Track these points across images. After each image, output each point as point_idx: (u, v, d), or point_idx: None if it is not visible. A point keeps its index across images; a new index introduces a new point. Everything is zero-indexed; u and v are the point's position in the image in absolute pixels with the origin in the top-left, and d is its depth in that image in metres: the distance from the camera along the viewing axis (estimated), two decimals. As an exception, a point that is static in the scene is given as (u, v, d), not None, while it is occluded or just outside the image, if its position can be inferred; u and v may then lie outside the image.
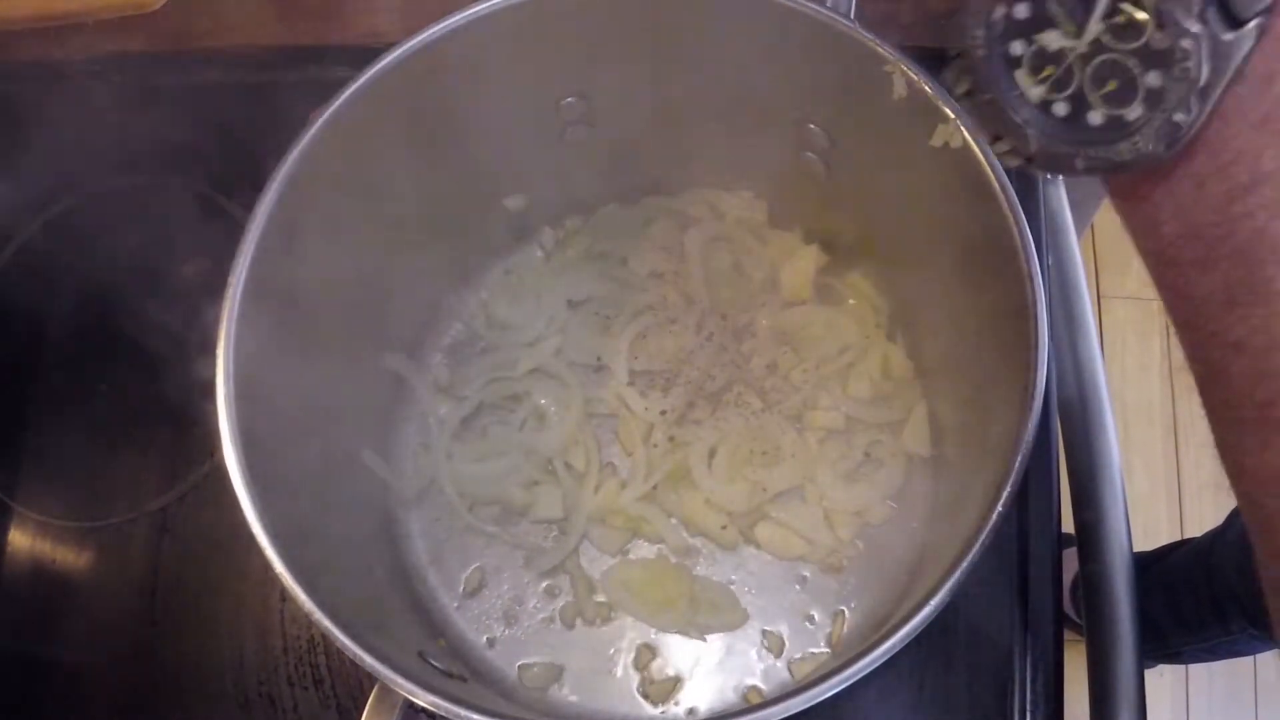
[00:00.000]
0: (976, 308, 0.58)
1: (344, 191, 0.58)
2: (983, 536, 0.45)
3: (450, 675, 0.56)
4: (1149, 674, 1.41)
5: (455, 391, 0.70)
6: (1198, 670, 1.47)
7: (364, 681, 0.64)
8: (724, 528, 0.65)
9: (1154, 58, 0.25)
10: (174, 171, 0.81)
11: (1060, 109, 0.28)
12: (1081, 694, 0.59)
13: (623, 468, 0.68)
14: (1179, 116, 0.25)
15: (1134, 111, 0.26)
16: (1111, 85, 0.27)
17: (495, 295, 0.73)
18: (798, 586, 0.65)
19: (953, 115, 0.51)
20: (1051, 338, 0.65)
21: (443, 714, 0.44)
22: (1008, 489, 0.45)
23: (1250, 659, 1.48)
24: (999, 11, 0.29)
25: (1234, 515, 1.10)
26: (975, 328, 0.59)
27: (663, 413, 0.68)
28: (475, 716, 0.43)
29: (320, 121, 0.55)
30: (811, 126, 0.62)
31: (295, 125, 0.54)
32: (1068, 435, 0.66)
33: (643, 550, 0.66)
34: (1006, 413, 0.49)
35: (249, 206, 0.52)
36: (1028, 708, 0.61)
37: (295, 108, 0.56)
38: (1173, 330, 0.31)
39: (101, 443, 0.75)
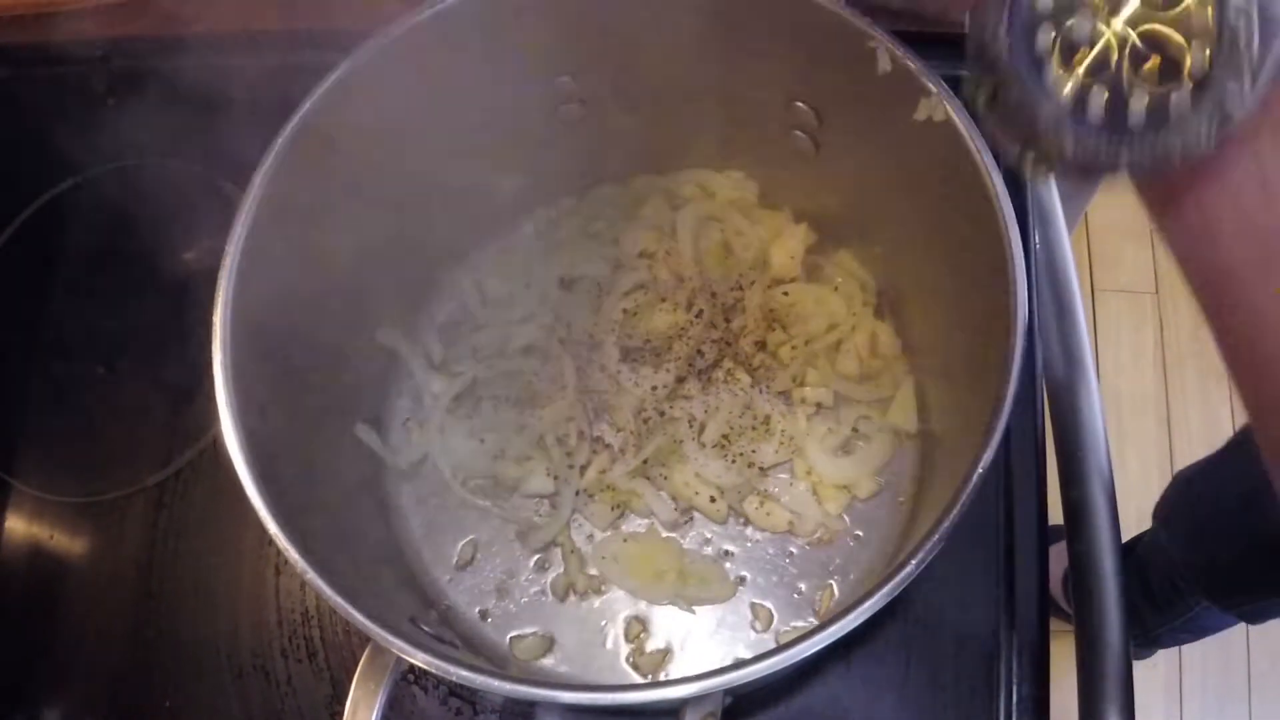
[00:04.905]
0: (962, 285, 0.59)
1: (337, 170, 0.59)
2: (964, 498, 0.45)
3: (441, 641, 0.56)
4: (1144, 664, 1.42)
5: (449, 368, 0.71)
6: (1192, 659, 1.48)
7: (357, 652, 0.64)
8: (713, 501, 0.66)
9: (1197, 29, 0.23)
10: (172, 155, 0.81)
11: (1097, 97, 0.25)
12: (1074, 679, 0.60)
13: (614, 443, 0.68)
14: (1230, 96, 0.23)
15: (1179, 91, 0.24)
16: (1154, 62, 0.24)
17: (489, 274, 0.74)
18: (786, 560, 0.66)
19: (934, 89, 0.52)
20: (1040, 322, 0.66)
21: (436, 671, 0.45)
22: (991, 446, 0.46)
23: (1244, 647, 1.48)
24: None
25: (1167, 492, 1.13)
26: (961, 305, 0.59)
27: (653, 389, 0.68)
28: (464, 672, 0.44)
29: (312, 100, 0.56)
30: (799, 105, 0.63)
31: (293, 109, 0.56)
32: (1056, 416, 0.66)
33: (633, 524, 0.67)
34: (993, 389, 0.49)
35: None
36: (1014, 677, 0.62)
37: (293, 92, 0.57)
38: (1165, 323, 0.29)
39: (99, 420, 0.76)
